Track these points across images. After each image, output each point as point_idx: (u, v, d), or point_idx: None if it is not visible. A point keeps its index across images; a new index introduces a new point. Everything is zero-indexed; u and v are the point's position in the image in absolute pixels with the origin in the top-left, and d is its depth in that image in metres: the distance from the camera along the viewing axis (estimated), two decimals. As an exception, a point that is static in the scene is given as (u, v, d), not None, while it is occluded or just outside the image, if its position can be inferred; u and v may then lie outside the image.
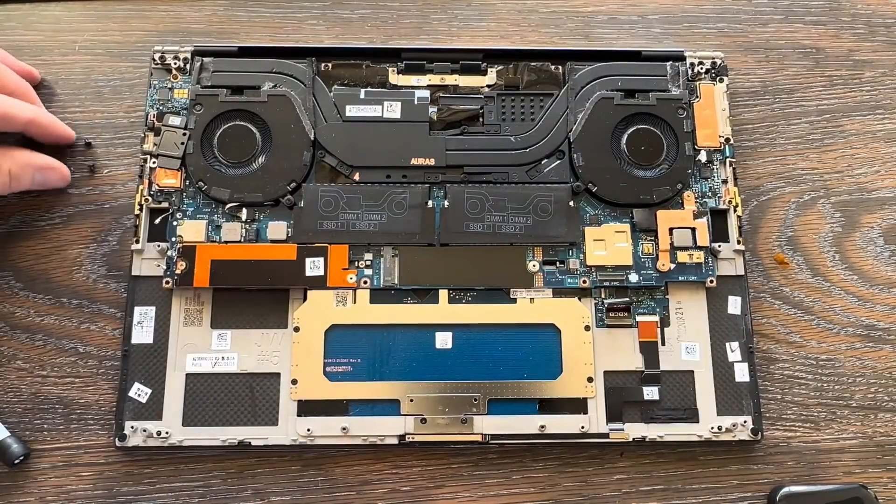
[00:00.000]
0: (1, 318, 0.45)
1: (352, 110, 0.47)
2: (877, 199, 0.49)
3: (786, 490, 0.43)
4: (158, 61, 0.48)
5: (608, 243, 0.46)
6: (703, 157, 0.47)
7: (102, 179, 0.48)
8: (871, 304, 0.47)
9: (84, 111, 0.49)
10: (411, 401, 0.43)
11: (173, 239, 0.45)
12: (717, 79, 0.49)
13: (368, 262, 0.45)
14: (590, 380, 0.44)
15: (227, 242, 0.45)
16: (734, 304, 0.45)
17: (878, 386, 0.46)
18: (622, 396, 0.44)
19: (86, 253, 0.47)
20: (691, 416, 0.44)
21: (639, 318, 0.45)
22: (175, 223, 0.45)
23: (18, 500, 0.43)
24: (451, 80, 0.48)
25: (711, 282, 0.45)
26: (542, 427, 0.43)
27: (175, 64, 0.48)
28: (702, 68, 0.49)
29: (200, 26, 0.51)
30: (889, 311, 0.47)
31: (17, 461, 0.42)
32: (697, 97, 0.48)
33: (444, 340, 0.44)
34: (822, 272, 0.48)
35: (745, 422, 0.44)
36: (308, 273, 0.44)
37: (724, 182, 0.47)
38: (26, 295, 0.46)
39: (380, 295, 0.45)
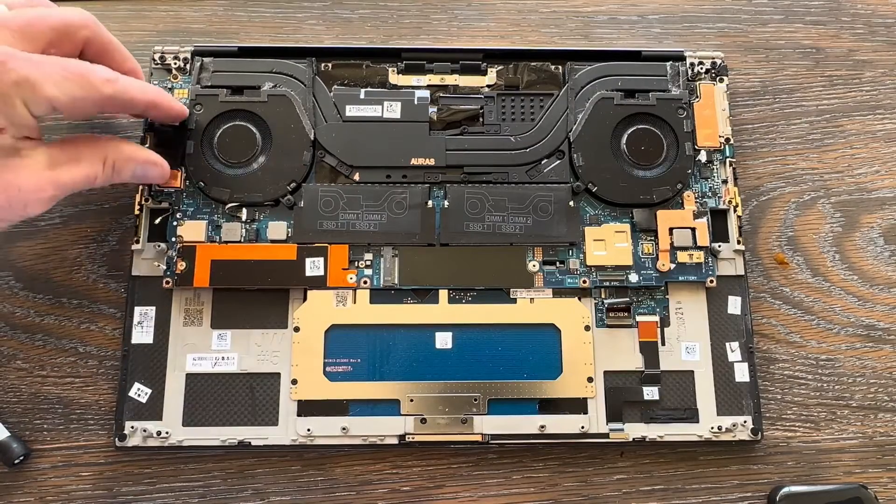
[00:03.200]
0: (1, 318, 0.45)
1: (352, 110, 0.47)
2: (877, 199, 0.49)
3: (786, 490, 0.43)
4: (158, 61, 0.48)
5: (608, 243, 0.46)
6: (703, 157, 0.47)
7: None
8: (871, 304, 0.47)
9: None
10: (411, 401, 0.43)
11: (173, 239, 0.45)
12: (717, 79, 0.49)
13: (368, 262, 0.45)
14: (590, 380, 0.44)
15: (227, 242, 0.45)
16: (734, 304, 0.45)
17: (878, 386, 0.46)
18: (622, 396, 0.44)
19: (86, 253, 0.47)
20: (691, 416, 0.44)
21: (639, 318, 0.45)
22: (175, 223, 0.45)
23: (18, 500, 0.43)
24: (451, 80, 0.48)
25: (711, 282, 0.45)
26: (542, 427, 0.43)
27: (175, 64, 0.48)
28: (702, 68, 0.49)
29: (200, 26, 0.51)
30: (889, 311, 0.47)
31: (17, 461, 0.42)
32: (697, 97, 0.48)
33: (444, 340, 0.44)
34: (822, 272, 0.48)
35: (745, 422, 0.44)
36: (308, 273, 0.44)
37: (724, 182, 0.47)
38: (26, 295, 0.46)
39: (380, 295, 0.45)
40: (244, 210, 0.45)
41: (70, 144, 0.40)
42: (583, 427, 0.43)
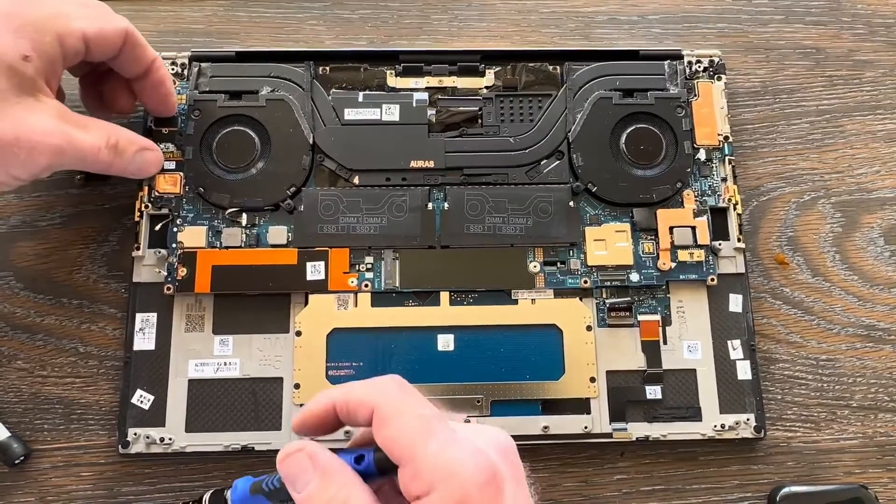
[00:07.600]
0: (1, 318, 0.45)
1: (350, 113, 0.47)
2: (877, 199, 0.49)
3: (786, 490, 0.43)
4: (157, 66, 0.48)
5: (609, 243, 0.46)
6: (702, 155, 0.47)
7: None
8: (871, 304, 0.47)
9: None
10: (413, 403, 0.43)
11: (174, 245, 0.44)
12: (715, 77, 0.49)
13: (369, 266, 0.45)
14: (592, 380, 0.44)
15: (227, 248, 0.45)
16: (735, 302, 0.45)
17: (878, 386, 0.46)
18: (625, 396, 0.44)
19: (86, 253, 0.47)
20: (694, 414, 0.44)
21: (640, 318, 0.45)
22: (175, 229, 0.45)
23: (18, 500, 0.43)
24: (449, 81, 0.48)
25: (712, 280, 0.45)
26: (546, 428, 0.43)
27: (172, 70, 0.47)
28: (699, 67, 0.49)
29: (200, 27, 0.51)
30: (889, 311, 0.47)
31: (17, 461, 0.42)
32: (696, 95, 0.48)
33: (445, 342, 0.44)
34: (822, 272, 0.48)
35: (747, 419, 0.44)
36: (309, 277, 0.44)
37: (724, 180, 0.47)
38: (26, 295, 0.46)
39: (381, 298, 0.45)
40: (244, 215, 0.45)
41: (79, 115, 0.40)
42: (586, 427, 0.43)
